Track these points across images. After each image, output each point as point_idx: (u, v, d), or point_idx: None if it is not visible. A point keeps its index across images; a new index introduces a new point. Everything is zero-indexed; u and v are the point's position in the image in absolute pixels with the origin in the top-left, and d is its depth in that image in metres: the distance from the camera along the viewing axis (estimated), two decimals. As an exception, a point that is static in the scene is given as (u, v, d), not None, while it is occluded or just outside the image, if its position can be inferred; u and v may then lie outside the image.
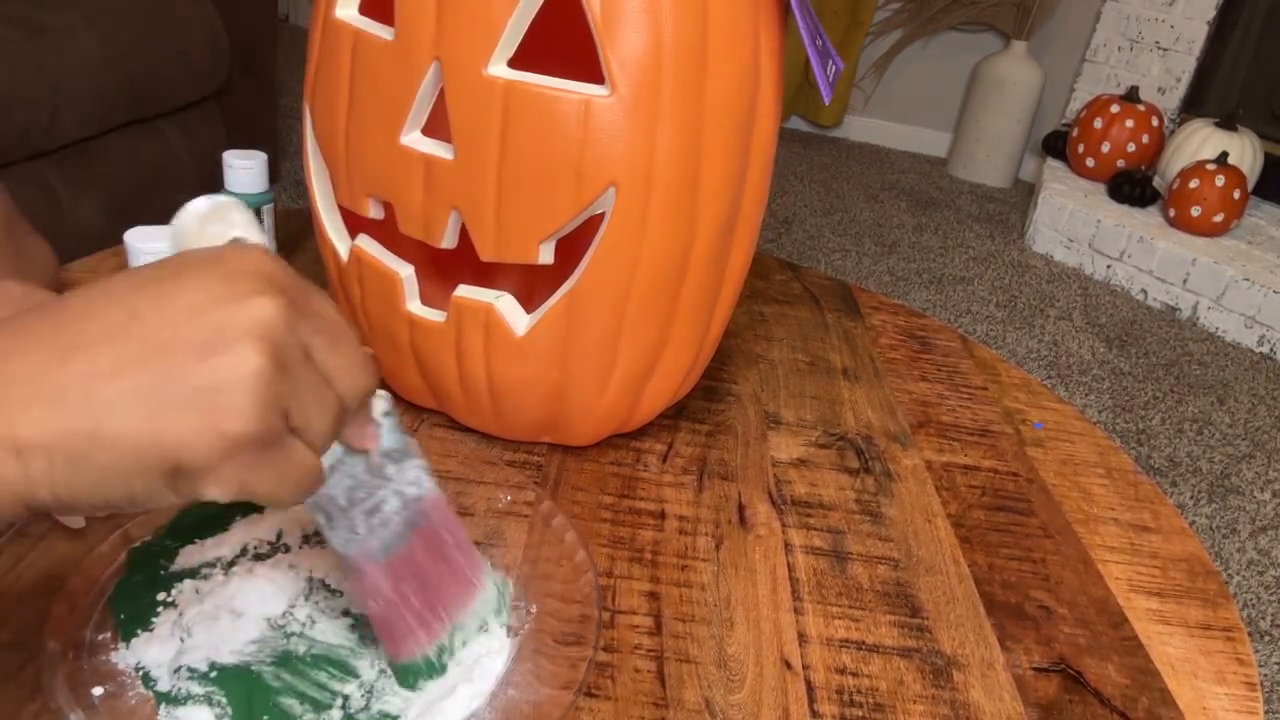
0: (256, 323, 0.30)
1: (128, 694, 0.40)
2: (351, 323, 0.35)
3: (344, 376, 0.34)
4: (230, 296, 0.30)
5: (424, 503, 0.41)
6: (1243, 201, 2.46)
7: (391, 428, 0.40)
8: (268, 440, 0.31)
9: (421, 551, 0.41)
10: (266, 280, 0.31)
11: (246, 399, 0.30)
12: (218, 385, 0.29)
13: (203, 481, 0.30)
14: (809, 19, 0.54)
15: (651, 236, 0.52)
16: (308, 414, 0.32)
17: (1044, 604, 0.55)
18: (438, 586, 0.42)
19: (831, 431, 0.69)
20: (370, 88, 0.53)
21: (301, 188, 2.29)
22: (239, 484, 0.31)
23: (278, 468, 0.32)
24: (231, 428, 0.29)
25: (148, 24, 1.55)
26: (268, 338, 0.30)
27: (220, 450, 0.30)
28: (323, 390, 0.33)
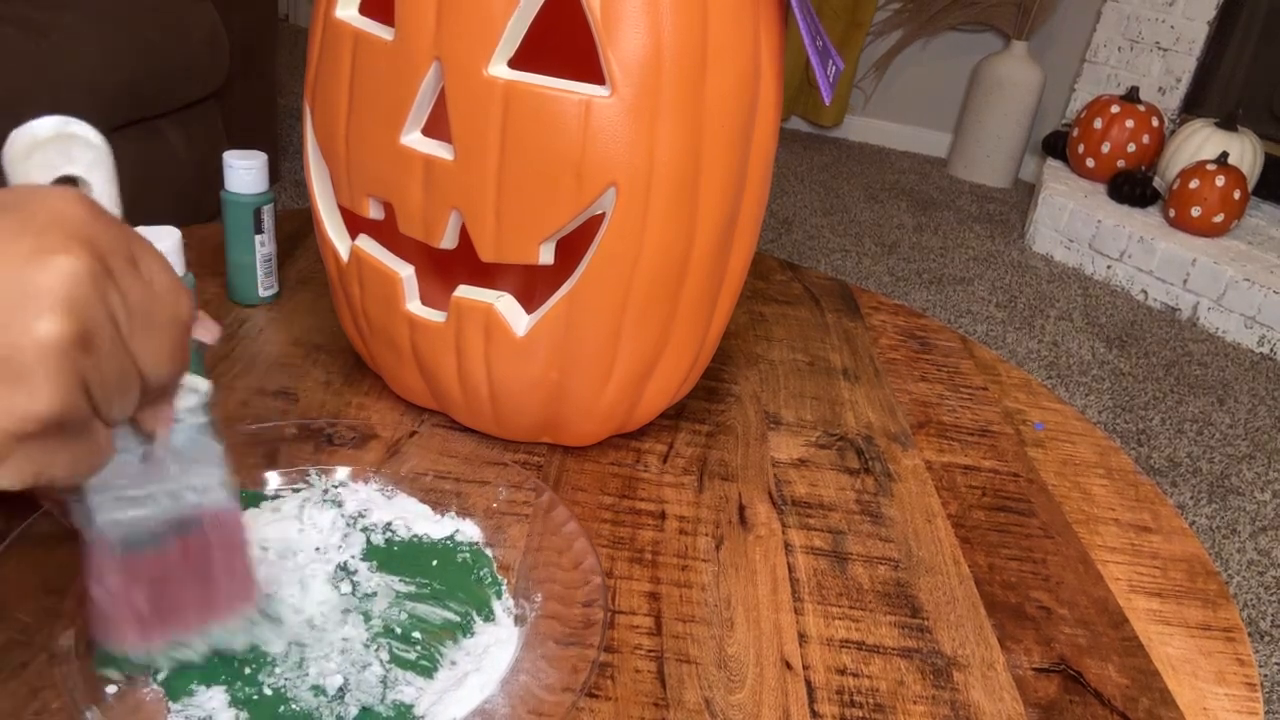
0: (62, 288, 0.27)
1: (141, 690, 0.40)
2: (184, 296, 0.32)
3: (150, 356, 0.30)
4: (33, 255, 0.27)
5: (200, 512, 0.38)
6: (1243, 202, 2.46)
7: (195, 428, 0.37)
8: (69, 422, 0.28)
9: (175, 561, 0.38)
10: (79, 237, 0.27)
11: (48, 377, 0.26)
12: (16, 360, 0.26)
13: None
14: (809, 19, 0.54)
15: (651, 237, 0.52)
16: (110, 393, 0.29)
17: (1044, 604, 0.55)
18: (176, 599, 0.39)
19: (831, 432, 0.69)
20: (370, 88, 0.53)
21: (301, 188, 2.29)
22: (34, 468, 0.28)
23: (75, 450, 0.29)
24: (30, 409, 0.26)
25: (148, 24, 1.55)
26: (73, 306, 0.27)
27: (18, 433, 0.27)
28: (128, 367, 0.29)
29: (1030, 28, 3.09)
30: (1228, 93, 2.88)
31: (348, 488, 0.53)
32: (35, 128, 0.32)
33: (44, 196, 0.28)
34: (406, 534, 0.50)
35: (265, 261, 0.72)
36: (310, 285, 0.78)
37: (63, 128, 0.32)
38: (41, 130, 0.32)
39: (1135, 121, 2.73)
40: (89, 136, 0.33)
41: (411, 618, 0.45)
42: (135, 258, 0.30)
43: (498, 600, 0.47)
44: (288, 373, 0.66)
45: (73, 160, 0.32)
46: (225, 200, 0.70)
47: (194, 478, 0.37)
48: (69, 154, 0.32)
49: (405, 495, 0.53)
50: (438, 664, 0.43)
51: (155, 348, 0.30)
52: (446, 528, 0.51)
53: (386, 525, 0.51)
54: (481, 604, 0.46)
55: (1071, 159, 2.87)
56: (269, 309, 0.74)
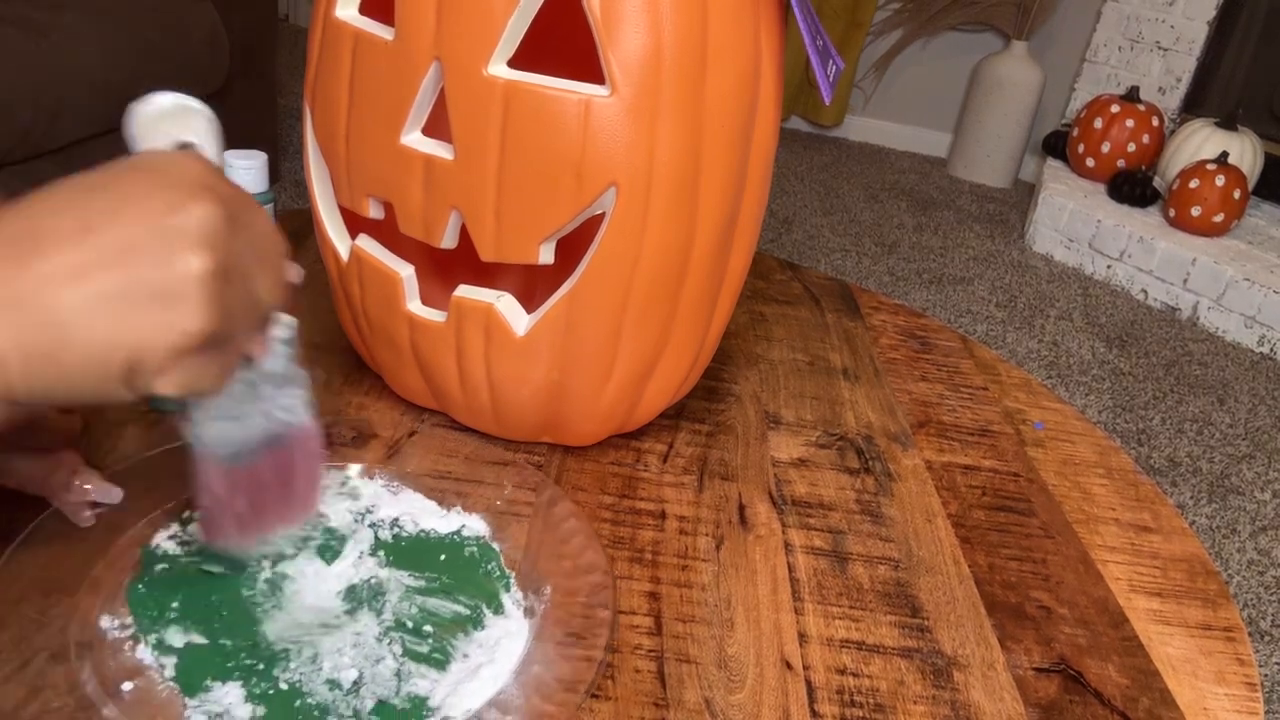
0: (202, 230, 0.32)
1: (156, 687, 0.41)
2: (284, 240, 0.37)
3: (266, 288, 0.36)
4: (174, 206, 0.32)
5: (289, 429, 0.43)
6: (1243, 201, 2.46)
7: (284, 354, 0.41)
8: (216, 339, 0.33)
9: (267, 471, 0.43)
10: (208, 189, 0.33)
11: (200, 301, 0.32)
12: (173, 290, 0.31)
13: (156, 379, 0.32)
14: (809, 19, 0.54)
15: (651, 236, 0.52)
16: (238, 317, 0.34)
17: (1044, 604, 0.55)
18: (268, 504, 0.44)
19: (831, 431, 0.69)
20: (370, 88, 0.53)
21: (301, 188, 2.29)
22: (188, 381, 0.33)
23: (217, 365, 0.34)
24: (189, 327, 0.32)
25: (148, 24, 1.55)
26: (213, 244, 0.32)
27: (177, 349, 0.32)
28: (253, 294, 0.35)
29: (1030, 28, 3.09)
30: (1228, 92, 2.88)
31: (360, 481, 0.54)
32: (159, 101, 0.37)
33: (172, 159, 0.34)
34: (414, 529, 0.51)
35: (265, 261, 0.72)
36: (310, 285, 0.78)
37: (182, 101, 0.37)
38: (164, 102, 0.37)
39: (1135, 121, 2.73)
40: (201, 108, 0.38)
41: (422, 611, 0.45)
42: (247, 207, 0.35)
43: (506, 593, 0.48)
44: (288, 373, 0.66)
45: (189, 129, 0.37)
46: (225, 200, 0.70)
47: (283, 398, 0.42)
48: (187, 124, 0.37)
49: (411, 491, 0.54)
50: (450, 656, 0.43)
51: (269, 280, 0.36)
52: (453, 522, 0.52)
53: (394, 521, 0.51)
54: (491, 597, 0.47)
55: (1071, 159, 2.87)
56: (269, 309, 0.74)
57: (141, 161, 0.34)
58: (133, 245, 0.31)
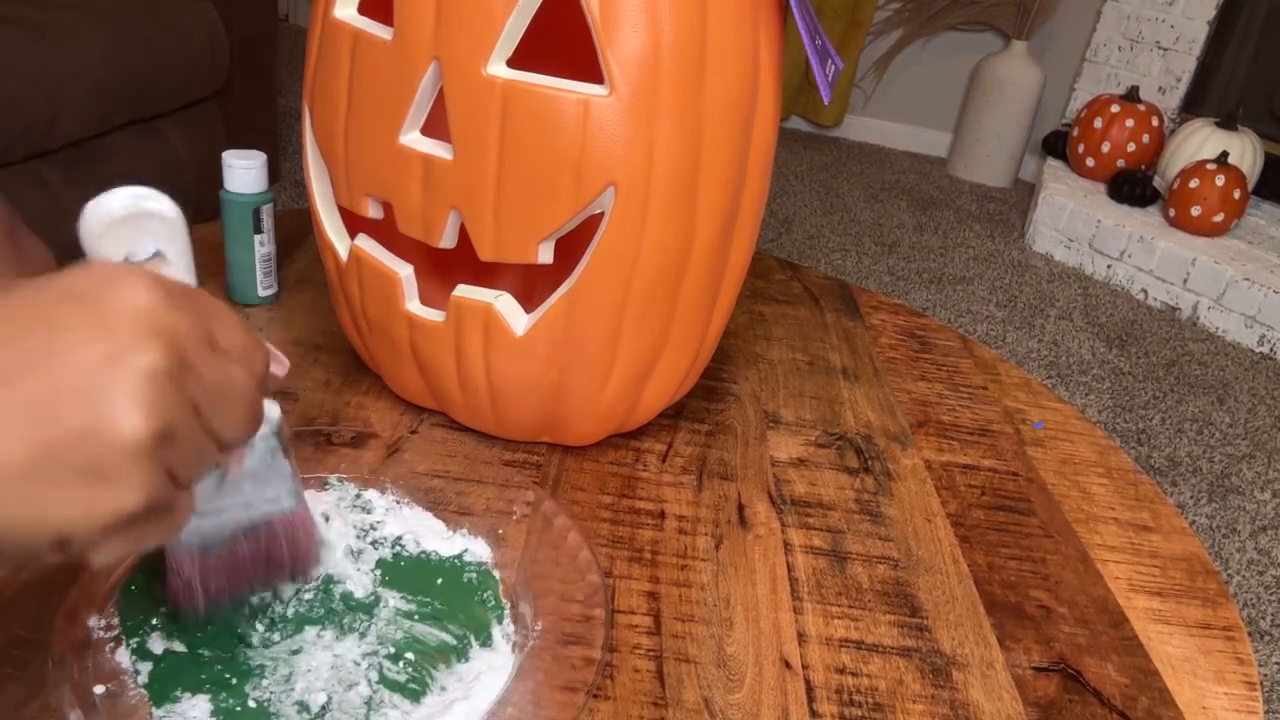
0: (141, 387, 0.27)
1: (128, 692, 0.40)
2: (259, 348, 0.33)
3: (229, 426, 0.31)
4: (109, 357, 0.27)
5: (271, 517, 0.41)
6: (1243, 201, 2.45)
7: (265, 450, 0.39)
8: (156, 508, 0.29)
9: (244, 556, 0.42)
10: (152, 330, 0.28)
11: (133, 474, 0.28)
12: (102, 461, 0.27)
13: (90, 551, 0.29)
14: (809, 19, 0.54)
15: (651, 236, 0.52)
16: (190, 467, 0.30)
17: (1044, 604, 0.55)
18: (244, 579, 0.43)
19: (831, 431, 0.69)
20: (369, 87, 0.53)
21: (301, 188, 2.29)
22: (127, 549, 0.30)
23: (163, 525, 0.30)
24: (120, 505, 0.28)
25: (148, 24, 1.55)
26: (153, 402, 0.28)
27: (109, 526, 0.28)
28: (206, 442, 0.31)
29: (1030, 27, 3.09)
30: (1228, 92, 2.87)
31: (370, 493, 0.53)
32: (109, 205, 0.32)
33: (117, 285, 0.28)
34: (415, 549, 0.50)
35: (264, 261, 0.72)
36: (310, 285, 0.78)
37: (136, 205, 0.32)
38: (115, 207, 0.32)
39: (1135, 121, 2.72)
40: (163, 210, 0.33)
41: (407, 637, 0.44)
42: (210, 333, 0.30)
43: (498, 625, 0.46)
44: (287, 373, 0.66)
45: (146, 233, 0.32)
46: (224, 200, 0.70)
47: (266, 490, 0.40)
48: (143, 228, 0.32)
49: (420, 509, 0.53)
50: (427, 688, 0.42)
51: (235, 417, 0.31)
52: (456, 545, 0.50)
53: (397, 539, 0.50)
54: (481, 627, 0.46)
55: (1071, 158, 2.87)
56: (268, 309, 0.74)
57: (81, 286, 0.28)
58: (58, 406, 0.27)
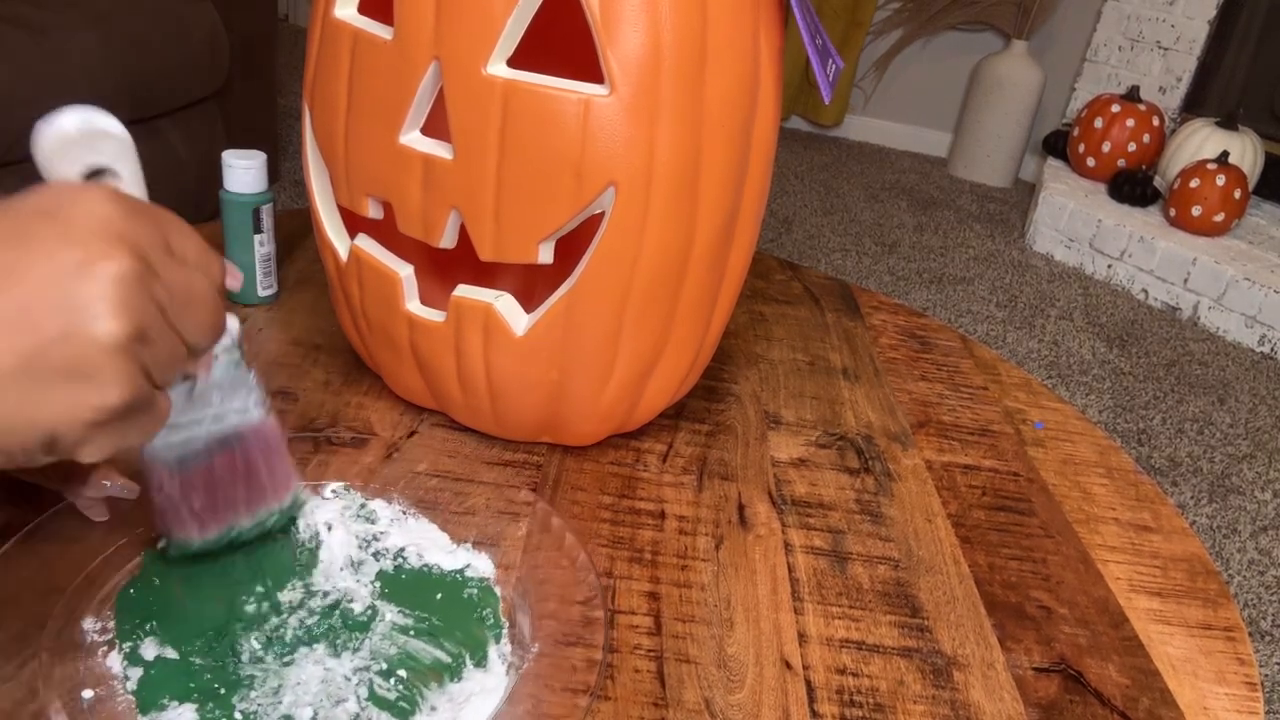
0: (114, 292, 0.30)
1: (116, 698, 0.40)
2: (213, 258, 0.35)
3: (194, 329, 0.34)
4: (81, 265, 0.29)
5: (241, 428, 0.43)
6: (1243, 201, 2.45)
7: (229, 361, 0.40)
8: (136, 405, 0.32)
9: (223, 470, 0.43)
10: (118, 238, 0.30)
11: (114, 373, 0.30)
12: (83, 362, 0.29)
13: (77, 448, 0.31)
14: (809, 19, 0.54)
15: (651, 236, 0.52)
16: (164, 368, 0.33)
17: (1044, 604, 0.55)
18: (226, 498, 0.44)
19: (831, 431, 0.69)
20: (369, 87, 0.53)
21: (301, 188, 2.29)
22: (112, 445, 0.32)
23: (143, 421, 0.33)
24: (104, 402, 0.30)
25: (148, 24, 1.55)
26: (127, 306, 0.30)
27: (94, 422, 0.30)
28: (176, 343, 0.33)
29: (1030, 27, 3.09)
30: (1228, 92, 2.87)
31: (376, 503, 0.52)
32: (61, 124, 0.33)
33: (79, 200, 0.31)
34: (417, 562, 0.49)
35: (264, 261, 0.72)
36: (310, 285, 0.78)
37: (87, 123, 0.33)
38: (67, 126, 0.33)
39: (1136, 121, 2.72)
40: (112, 129, 0.34)
41: (401, 653, 0.43)
42: (169, 241, 0.33)
43: (495, 645, 0.45)
44: (287, 373, 0.66)
45: (99, 152, 0.34)
46: (224, 200, 0.70)
47: (233, 402, 0.42)
48: (95, 147, 0.34)
49: (426, 521, 0.52)
50: (416, 707, 0.41)
51: (198, 320, 0.34)
52: (459, 560, 0.49)
53: (399, 551, 0.49)
54: (477, 646, 0.44)
55: (1072, 158, 2.87)
56: (268, 309, 0.74)
57: (46, 203, 0.30)
58: (36, 314, 0.29)
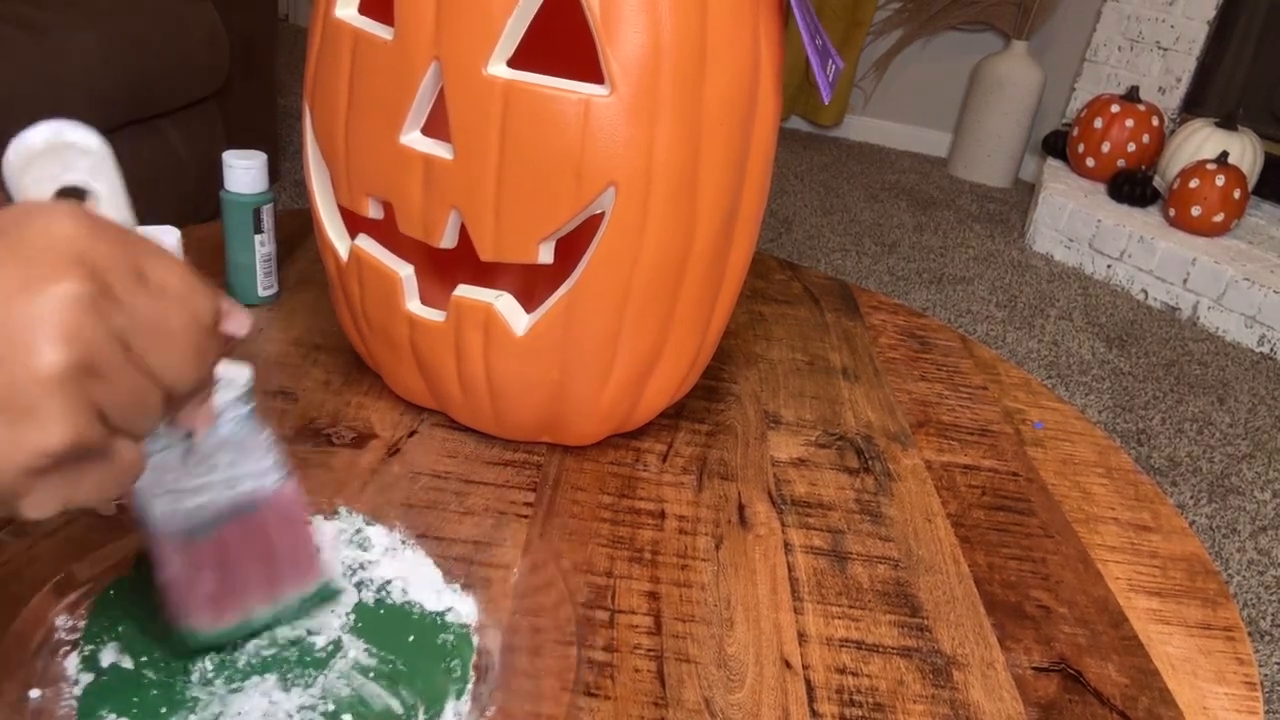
0: (58, 316, 0.26)
1: (61, 701, 0.39)
2: (200, 289, 0.31)
3: (170, 368, 0.29)
4: (26, 285, 0.26)
5: (257, 496, 0.39)
6: (1243, 201, 2.45)
7: (240, 418, 0.37)
8: (87, 450, 0.27)
9: (235, 542, 0.39)
10: (72, 259, 0.26)
11: (54, 409, 0.26)
12: (17, 396, 0.25)
13: (19, 503, 0.27)
14: (809, 19, 0.54)
15: (651, 236, 0.52)
16: (128, 412, 0.28)
17: (1044, 604, 0.55)
18: (241, 578, 0.40)
19: (831, 431, 0.69)
20: (370, 87, 0.53)
21: (301, 188, 2.29)
22: (60, 499, 0.28)
23: (98, 473, 0.28)
24: (43, 445, 0.26)
25: (148, 24, 1.55)
26: (73, 335, 0.26)
27: (32, 469, 0.26)
28: (142, 384, 0.29)
29: (1030, 27, 3.09)
30: (1228, 92, 2.87)
31: (375, 529, 0.51)
32: (29, 139, 0.30)
33: (37, 218, 0.27)
34: (400, 598, 0.47)
35: (265, 261, 0.72)
36: (310, 285, 0.78)
37: (56, 136, 0.31)
38: (35, 141, 0.30)
39: (1135, 121, 2.72)
40: (86, 142, 0.31)
41: (354, 695, 0.41)
42: (141, 268, 0.29)
43: (454, 700, 0.42)
44: (287, 373, 0.66)
45: (71, 168, 0.31)
46: (225, 200, 0.70)
47: (246, 465, 0.38)
48: (66, 162, 0.31)
49: (423, 554, 0.50)
50: None
51: (173, 358, 0.29)
52: (444, 601, 0.47)
53: (384, 583, 0.47)
54: (435, 699, 0.42)
55: (1071, 158, 2.87)
56: (269, 309, 0.74)
57: (1, 221, 0.27)
58: None
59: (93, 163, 0.32)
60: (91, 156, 0.32)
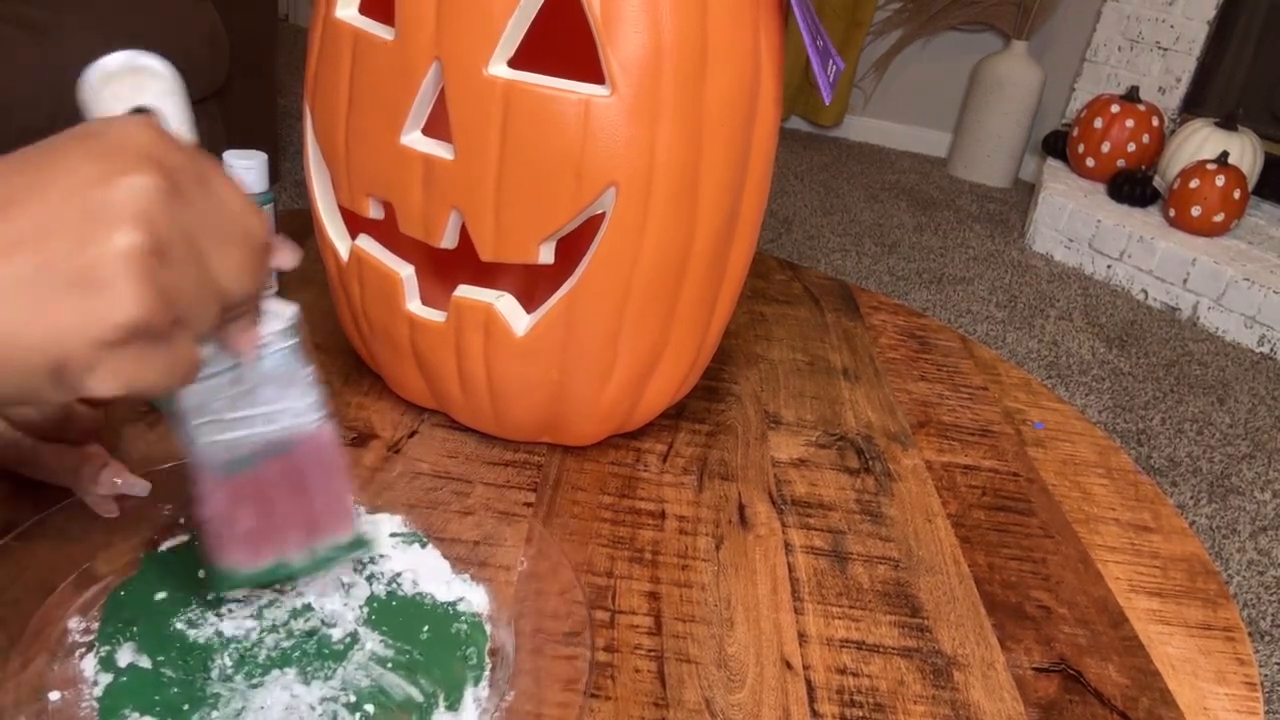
0: (133, 203, 0.28)
1: (81, 703, 0.39)
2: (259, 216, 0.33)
3: (227, 272, 0.31)
4: (105, 177, 0.28)
5: (296, 434, 0.39)
6: (1243, 201, 2.46)
7: (285, 350, 0.38)
8: (154, 330, 0.29)
9: (273, 480, 0.40)
10: (146, 158, 0.29)
11: (128, 286, 0.28)
12: (95, 273, 0.27)
13: (87, 376, 0.28)
14: (809, 19, 0.54)
15: (651, 236, 0.52)
16: (190, 304, 0.30)
17: (1044, 604, 0.55)
18: (279, 517, 0.41)
19: (831, 431, 0.69)
20: (370, 87, 0.53)
21: (301, 188, 2.29)
22: (126, 378, 0.29)
23: (163, 359, 0.30)
24: (115, 317, 0.28)
25: (148, 24, 1.55)
26: (146, 220, 0.28)
27: (104, 342, 0.28)
28: (205, 278, 0.31)
29: (1030, 27, 3.09)
30: (1228, 92, 2.88)
31: (385, 520, 0.51)
32: (106, 62, 0.33)
33: (115, 125, 0.30)
34: (411, 590, 0.47)
35: (265, 261, 0.72)
36: (310, 285, 0.78)
37: (132, 60, 0.34)
38: (112, 64, 0.33)
39: (1135, 121, 2.73)
40: (157, 67, 0.34)
41: (374, 686, 0.42)
42: (205, 178, 0.31)
43: (472, 687, 0.43)
44: (288, 372, 0.66)
45: (144, 90, 0.34)
46: (225, 200, 0.70)
47: (287, 401, 0.39)
48: (140, 85, 0.34)
49: (431, 548, 0.50)
50: None
51: (231, 262, 0.31)
52: (455, 591, 0.48)
53: (395, 576, 0.48)
54: (454, 687, 0.42)
55: (1071, 159, 2.87)
56: (269, 309, 0.73)
57: (83, 129, 0.30)
58: (52, 222, 0.27)
59: (163, 86, 0.34)
60: (162, 80, 0.34)
